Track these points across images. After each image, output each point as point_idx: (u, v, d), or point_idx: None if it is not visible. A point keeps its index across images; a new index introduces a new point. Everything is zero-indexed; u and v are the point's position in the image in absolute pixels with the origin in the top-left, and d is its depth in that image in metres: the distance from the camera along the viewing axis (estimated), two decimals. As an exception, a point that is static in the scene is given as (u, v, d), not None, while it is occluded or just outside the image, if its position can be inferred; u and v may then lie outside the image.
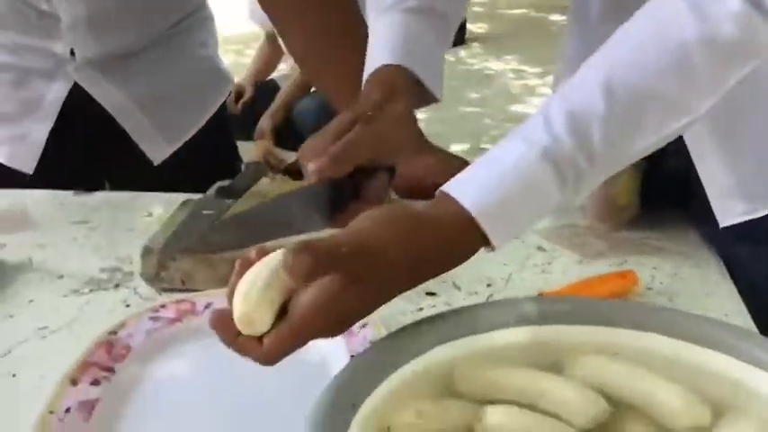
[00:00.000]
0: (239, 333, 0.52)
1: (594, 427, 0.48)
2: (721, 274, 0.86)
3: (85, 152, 1.18)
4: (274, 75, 3.45)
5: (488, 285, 0.84)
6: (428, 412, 0.48)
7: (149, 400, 0.66)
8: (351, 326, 0.52)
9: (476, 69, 5.74)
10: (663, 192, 0.96)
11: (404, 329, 0.52)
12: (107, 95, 1.13)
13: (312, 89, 3.22)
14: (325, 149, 0.67)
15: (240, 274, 0.54)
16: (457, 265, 0.56)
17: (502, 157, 0.56)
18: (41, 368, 0.72)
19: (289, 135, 3.24)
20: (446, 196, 0.55)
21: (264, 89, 3.26)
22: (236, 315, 0.51)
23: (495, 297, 0.82)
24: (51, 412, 0.61)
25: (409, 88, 0.74)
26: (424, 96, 0.77)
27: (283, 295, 0.51)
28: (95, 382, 0.66)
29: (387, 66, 0.74)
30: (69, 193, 1.13)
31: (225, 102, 1.27)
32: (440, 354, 0.52)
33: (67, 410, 0.62)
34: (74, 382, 0.65)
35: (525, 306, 0.54)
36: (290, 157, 3.12)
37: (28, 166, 1.15)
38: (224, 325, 0.52)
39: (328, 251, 0.50)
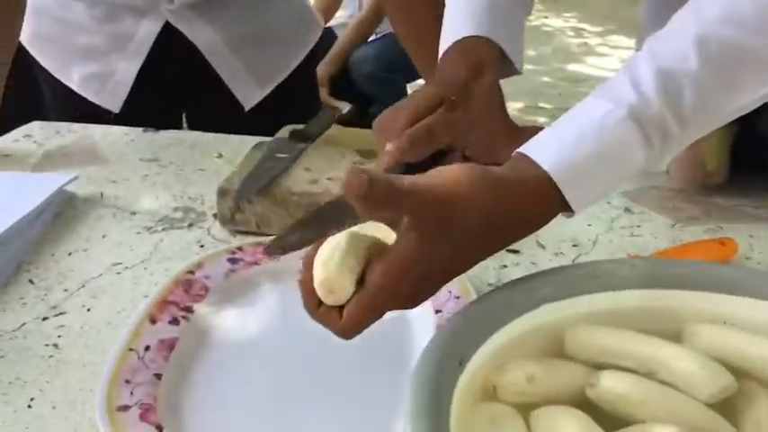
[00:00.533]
0: (321, 302, 0.50)
1: (717, 402, 0.44)
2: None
3: (168, 94, 1.16)
4: (332, 23, 3.39)
5: (574, 246, 0.80)
6: (539, 377, 0.45)
7: (227, 343, 0.64)
8: (429, 295, 0.50)
9: (533, 26, 5.59)
10: (755, 155, 0.91)
11: (513, 284, 0.49)
12: (201, 36, 1.10)
13: (369, 38, 3.17)
14: (403, 129, 0.62)
15: (318, 244, 0.51)
16: (534, 231, 0.53)
17: (584, 117, 0.52)
18: (116, 304, 0.71)
19: (345, 84, 3.20)
20: (524, 158, 0.52)
21: (321, 37, 3.21)
22: (317, 282, 0.50)
23: (582, 259, 0.78)
24: (131, 349, 0.59)
25: (496, 64, 0.68)
26: (506, 69, 0.72)
27: (363, 263, 0.49)
28: (174, 321, 0.64)
29: (470, 37, 0.68)
30: (138, 129, 1.11)
31: (314, 47, 1.24)
32: (549, 312, 0.49)
33: (147, 348, 0.60)
34: (153, 321, 0.63)
35: (641, 267, 0.50)
36: (344, 106, 3.09)
37: (115, 104, 1.13)
38: (307, 292, 0.51)
39: (398, 187, 0.46)
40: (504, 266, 0.77)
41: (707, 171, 0.90)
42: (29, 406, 0.58)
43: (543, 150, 0.51)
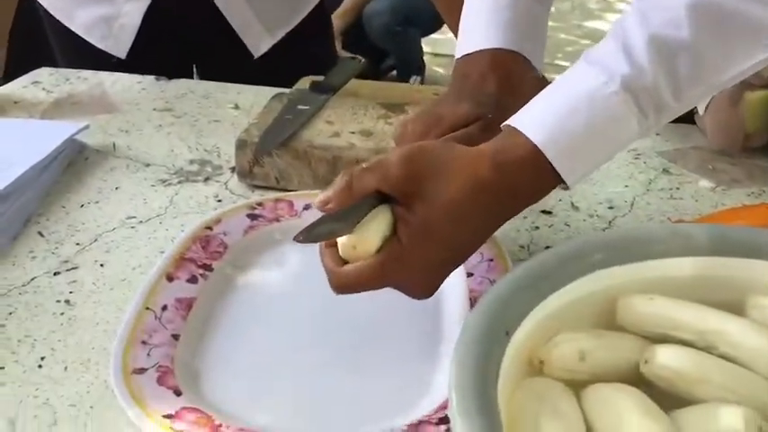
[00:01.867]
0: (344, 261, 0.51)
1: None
2: None
3: (176, 41, 1.10)
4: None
5: (610, 208, 0.76)
6: (590, 353, 0.42)
7: (248, 304, 0.61)
8: (431, 287, 0.52)
9: (552, -18, 5.45)
10: None
11: (562, 248, 0.45)
12: None
13: (383, -9, 3.08)
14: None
15: (339, 199, 0.50)
16: (530, 204, 0.52)
17: (575, 88, 0.50)
18: (130, 259, 0.67)
19: (358, 37, 3.12)
20: (513, 131, 0.50)
21: (333, -11, 3.12)
22: (341, 240, 0.50)
23: (619, 222, 0.74)
24: (148, 308, 0.56)
25: (526, 79, 0.63)
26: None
27: (385, 228, 0.50)
28: (192, 280, 0.61)
29: (497, 50, 0.63)
30: (150, 78, 1.07)
31: None
32: (602, 279, 0.45)
33: (164, 308, 0.57)
34: (170, 278, 0.60)
35: (698, 233, 0.46)
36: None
37: (121, 50, 1.07)
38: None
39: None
40: (537, 228, 0.73)
41: (747, 134, 0.86)
42: (39, 365, 0.55)
43: (534, 123, 0.50)
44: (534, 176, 0.50)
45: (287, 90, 0.92)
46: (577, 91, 0.50)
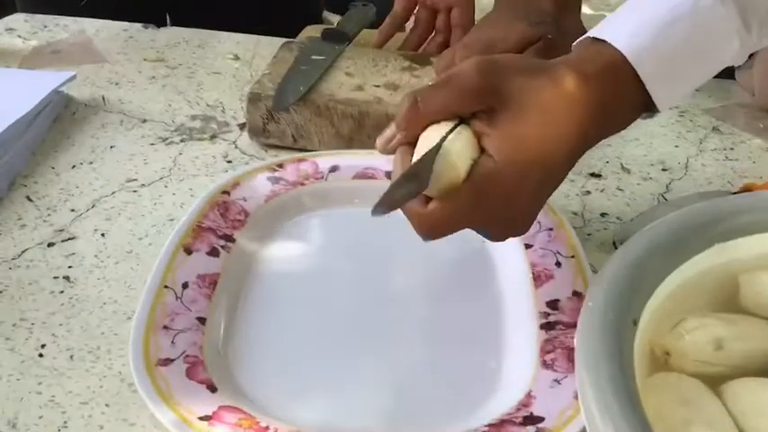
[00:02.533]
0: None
1: None
2: None
3: None
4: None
5: (664, 170, 0.69)
6: (727, 342, 0.35)
7: (276, 280, 0.53)
8: (529, 217, 0.45)
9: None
10: None
11: (678, 218, 0.38)
12: None
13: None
14: None
15: (407, 127, 0.44)
16: (613, 132, 0.46)
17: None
18: (135, 228, 0.59)
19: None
20: (597, 43, 0.43)
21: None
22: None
23: (676, 185, 0.67)
24: (166, 286, 0.48)
25: None
26: None
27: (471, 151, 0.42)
28: (213, 252, 0.52)
29: None
30: (137, 25, 0.97)
31: None
32: (722, 253, 0.38)
33: (185, 286, 0.49)
34: (187, 251, 0.51)
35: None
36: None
37: None
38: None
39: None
40: (588, 192, 0.66)
41: None
42: (40, 354, 0.47)
43: (623, 35, 0.43)
44: (624, 93, 0.43)
45: (295, 40, 0.83)
46: (675, 3, 0.43)
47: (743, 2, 0.44)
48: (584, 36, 0.46)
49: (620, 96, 0.43)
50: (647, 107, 0.44)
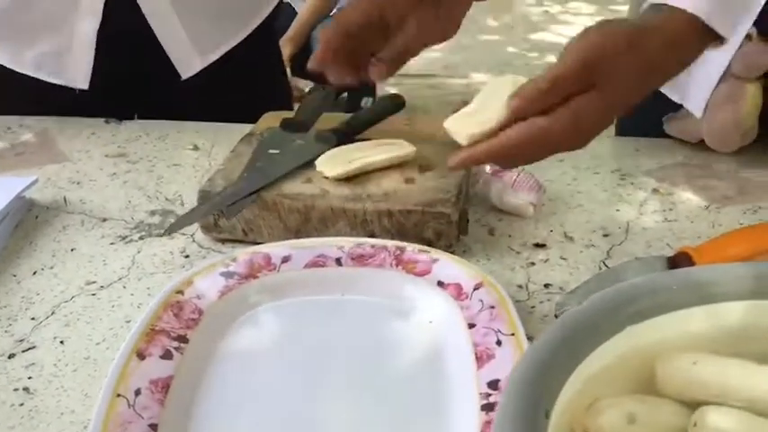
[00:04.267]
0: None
1: None
2: None
3: (118, 75, 1.02)
4: (290, -2, 3.26)
5: (605, 236, 0.72)
6: (640, 417, 0.37)
7: (231, 377, 0.55)
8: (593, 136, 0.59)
9: (494, -5, 5.50)
10: None
11: (589, 305, 0.40)
12: None
13: (330, 12, 3.04)
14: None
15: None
16: (685, 68, 0.59)
17: None
18: (93, 333, 0.61)
19: (306, 62, 3.06)
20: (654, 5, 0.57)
21: (280, 13, 3.06)
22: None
23: (617, 250, 0.70)
24: (119, 395, 0.50)
25: None
26: None
27: None
28: (167, 355, 0.54)
29: None
30: (100, 120, 1.00)
31: (272, 21, 1.12)
32: (636, 336, 0.40)
33: (137, 392, 0.50)
34: (140, 356, 0.53)
35: (744, 273, 0.42)
36: (307, 85, 2.96)
37: (81, 78, 0.98)
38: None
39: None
40: (532, 264, 0.68)
41: (744, 129, 0.83)
42: (-2, 471, 0.48)
43: None
44: (691, 39, 0.57)
45: (251, 127, 0.86)
46: None
47: None
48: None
49: (683, 33, 0.56)
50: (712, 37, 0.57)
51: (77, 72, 0.98)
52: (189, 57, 1.00)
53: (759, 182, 0.81)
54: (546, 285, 0.65)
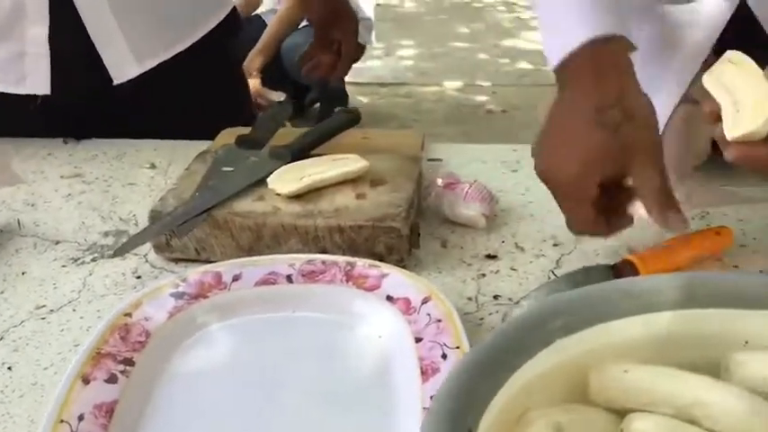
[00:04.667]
0: None
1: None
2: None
3: (78, 90, 1.00)
4: (260, 9, 3.26)
5: (555, 245, 0.73)
6: (569, 427, 0.38)
7: (178, 400, 0.55)
8: None
9: (464, 2, 5.53)
10: None
11: (521, 318, 0.41)
12: None
13: (300, 24, 3.05)
14: None
15: None
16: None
17: None
18: (41, 358, 0.60)
19: (277, 73, 3.06)
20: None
21: (250, 26, 3.07)
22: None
23: (566, 259, 0.71)
24: (62, 421, 0.49)
25: None
26: None
27: None
28: (112, 379, 0.54)
29: None
30: (57, 140, 1.00)
31: (229, 34, 1.12)
32: (565, 349, 0.41)
33: (81, 417, 0.50)
34: (85, 380, 0.53)
35: (673, 283, 0.43)
36: (279, 96, 2.96)
37: (41, 83, 0.97)
38: None
39: None
40: (483, 275, 0.69)
41: (697, 154, 0.84)
42: (-61, 502, 0.48)
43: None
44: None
45: (209, 144, 0.87)
46: None
47: None
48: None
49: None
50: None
51: (37, 78, 0.97)
52: (124, 61, 0.99)
53: (707, 187, 0.82)
54: (495, 297, 0.66)
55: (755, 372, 0.40)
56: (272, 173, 0.74)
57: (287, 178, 0.73)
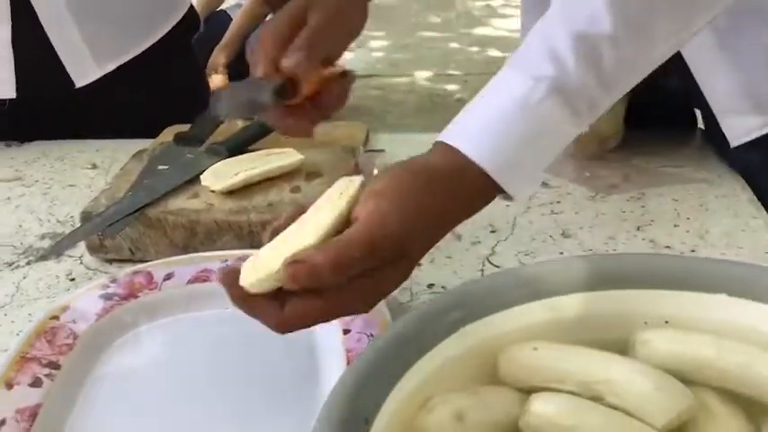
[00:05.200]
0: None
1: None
2: (751, 202, 0.76)
3: (34, 90, 0.99)
4: (225, 5, 3.24)
5: (492, 232, 0.73)
6: (469, 412, 0.38)
7: (103, 402, 0.54)
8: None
9: (435, -9, 5.53)
10: (653, 110, 0.86)
11: (423, 308, 0.41)
12: None
13: (266, 17, 3.03)
14: (288, 40, 0.60)
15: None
16: (467, 217, 0.50)
17: (505, 97, 0.49)
18: (-29, 363, 0.60)
19: (243, 68, 3.05)
20: (453, 151, 0.48)
21: (215, 21, 3.05)
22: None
23: (502, 245, 0.71)
24: (-20, 427, 0.49)
25: None
26: None
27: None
28: (36, 383, 0.54)
29: None
30: (0, 144, 0.98)
31: (187, 33, 1.11)
32: (471, 334, 0.41)
33: (2, 422, 0.50)
34: (8, 385, 0.53)
35: (575, 266, 0.43)
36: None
37: (6, 86, 0.96)
38: (234, 282, 0.46)
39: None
40: (419, 264, 0.69)
41: (602, 138, 0.85)
42: None
43: (472, 142, 0.48)
44: (475, 186, 0.48)
45: (149, 143, 0.86)
46: (508, 100, 0.48)
47: (566, 91, 0.48)
48: (439, 141, 0.50)
49: (474, 189, 0.48)
50: (506, 195, 0.49)
51: (2, 81, 0.96)
52: (84, 64, 0.99)
53: (645, 168, 0.83)
54: (429, 285, 0.66)
55: (660, 349, 0.40)
56: (207, 170, 0.74)
57: (221, 174, 0.73)
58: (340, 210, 0.46)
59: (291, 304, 0.44)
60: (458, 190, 0.48)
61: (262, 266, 0.44)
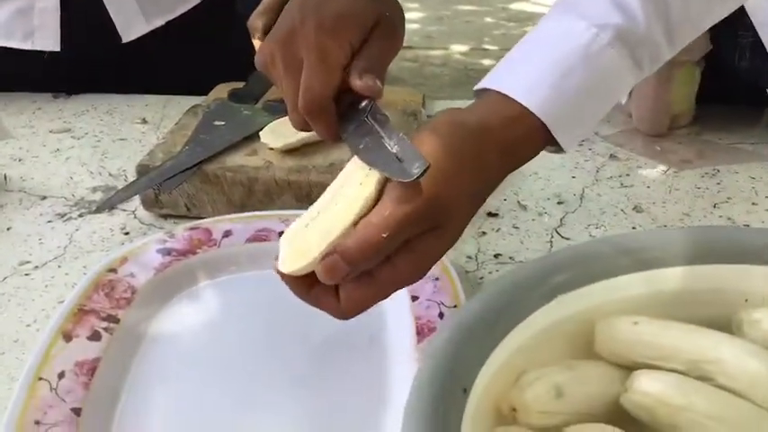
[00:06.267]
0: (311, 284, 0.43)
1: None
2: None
3: (78, 46, 0.96)
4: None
5: (559, 203, 0.70)
6: (568, 388, 0.35)
7: (163, 360, 0.52)
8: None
9: (472, -36, 5.44)
10: (725, 88, 0.82)
11: (512, 274, 0.39)
12: None
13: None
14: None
15: None
16: (520, 166, 0.47)
17: (564, 45, 0.46)
18: (24, 315, 0.58)
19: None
20: (507, 101, 0.45)
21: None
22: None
23: (570, 218, 0.68)
24: (41, 378, 0.47)
25: None
26: None
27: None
28: (94, 336, 0.52)
29: None
30: (48, 95, 0.97)
31: None
32: (568, 304, 0.38)
33: (61, 375, 0.48)
34: (67, 337, 0.51)
35: (679, 237, 0.40)
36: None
37: (51, 38, 0.94)
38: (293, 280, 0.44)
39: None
40: (484, 233, 0.66)
41: (674, 115, 0.81)
42: None
43: (532, 93, 0.45)
44: (528, 137, 0.45)
45: (202, 99, 0.84)
46: (567, 47, 0.46)
47: (631, 41, 0.46)
48: (482, 85, 0.47)
49: (525, 141, 0.46)
50: (554, 144, 0.46)
51: (46, 33, 0.94)
52: (133, 19, 0.96)
53: (719, 144, 0.79)
54: (496, 255, 0.63)
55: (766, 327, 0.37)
56: (264, 127, 0.72)
57: (280, 132, 0.70)
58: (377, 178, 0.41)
59: (345, 291, 0.42)
60: (510, 143, 0.45)
61: (299, 251, 0.42)
